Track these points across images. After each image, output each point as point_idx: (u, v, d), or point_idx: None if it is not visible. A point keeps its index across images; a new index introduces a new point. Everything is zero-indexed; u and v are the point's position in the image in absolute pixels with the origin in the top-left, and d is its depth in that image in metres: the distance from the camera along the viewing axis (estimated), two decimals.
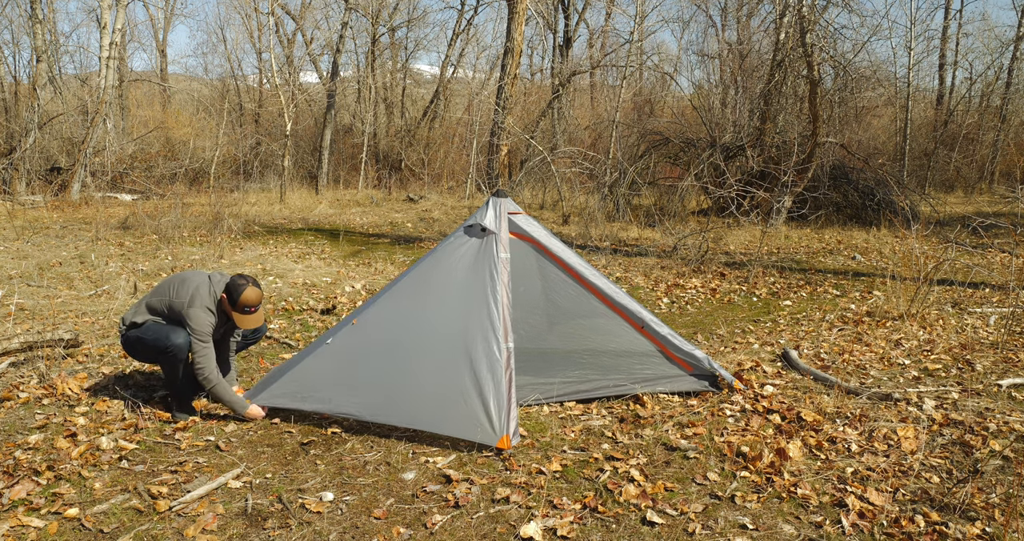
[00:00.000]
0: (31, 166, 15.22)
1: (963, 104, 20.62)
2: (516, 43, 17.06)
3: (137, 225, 10.71)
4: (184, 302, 3.55)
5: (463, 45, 25.34)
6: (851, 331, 5.51)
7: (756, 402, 3.88)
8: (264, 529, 2.66)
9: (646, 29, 24.82)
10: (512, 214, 3.72)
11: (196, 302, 3.54)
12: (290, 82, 21.03)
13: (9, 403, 3.77)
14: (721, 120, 14.16)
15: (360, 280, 7.60)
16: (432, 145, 22.33)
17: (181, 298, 3.57)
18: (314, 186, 19.21)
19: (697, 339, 5.46)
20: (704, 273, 8.18)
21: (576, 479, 3.05)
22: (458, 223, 12.83)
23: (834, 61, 11.97)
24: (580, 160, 14.41)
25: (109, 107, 15.61)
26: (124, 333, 3.67)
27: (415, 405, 3.36)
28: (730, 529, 2.65)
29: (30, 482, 2.91)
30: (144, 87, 27.58)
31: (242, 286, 3.53)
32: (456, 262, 3.56)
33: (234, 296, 3.54)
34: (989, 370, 4.48)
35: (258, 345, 5.04)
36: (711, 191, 10.46)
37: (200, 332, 3.54)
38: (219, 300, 3.62)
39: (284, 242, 10.39)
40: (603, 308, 3.87)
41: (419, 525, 2.69)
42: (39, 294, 6.39)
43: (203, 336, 3.54)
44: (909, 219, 10.60)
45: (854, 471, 3.07)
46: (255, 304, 3.56)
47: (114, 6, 15.01)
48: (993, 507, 2.76)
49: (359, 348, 3.55)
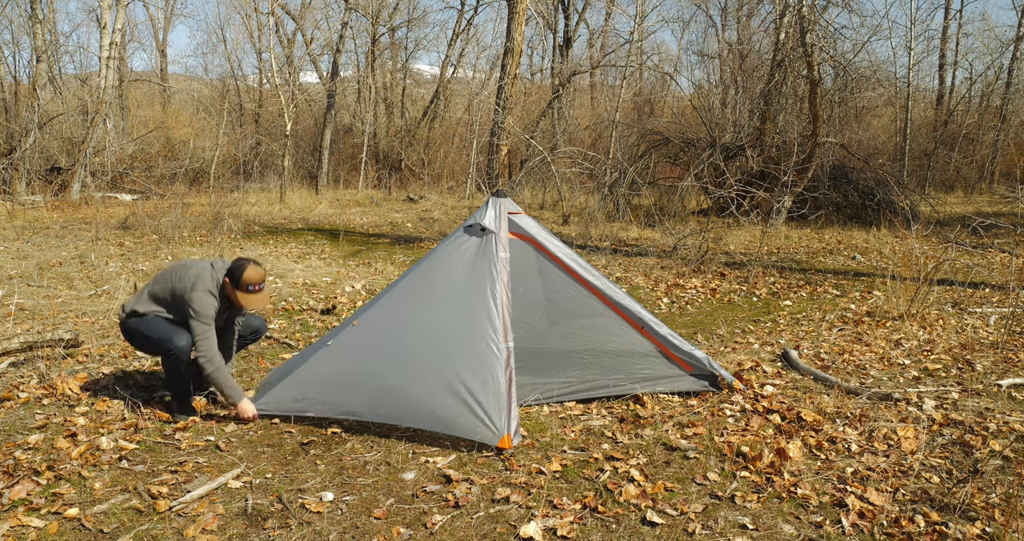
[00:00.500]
0: (31, 166, 15.23)
1: (963, 104, 20.63)
2: (516, 43, 17.06)
3: (137, 225, 10.71)
4: (187, 286, 3.53)
5: (463, 45, 25.36)
6: (851, 331, 5.51)
7: (756, 402, 3.88)
8: (264, 529, 2.66)
9: (646, 29, 24.83)
10: (512, 214, 3.72)
11: (199, 286, 3.52)
12: (290, 82, 21.04)
13: (9, 403, 3.77)
14: (721, 120, 14.16)
15: (360, 280, 7.60)
16: (432, 145, 22.33)
17: (184, 283, 3.54)
18: (314, 186, 19.21)
19: (697, 339, 5.46)
20: (704, 273, 8.18)
21: (576, 479, 3.05)
22: (458, 223, 12.83)
23: (834, 61, 11.97)
24: (580, 160, 14.41)
25: (109, 107, 15.62)
26: (124, 320, 3.64)
27: (416, 405, 3.36)
28: (730, 529, 2.65)
29: (30, 482, 2.91)
30: (144, 87, 27.58)
31: (244, 265, 3.51)
32: (456, 262, 3.56)
33: (237, 276, 3.51)
34: (989, 370, 4.48)
35: (258, 345, 5.04)
36: (711, 191, 10.46)
37: (203, 315, 3.51)
38: (222, 285, 3.60)
39: (284, 242, 10.39)
40: (603, 308, 3.87)
41: (419, 525, 2.69)
42: (39, 294, 6.39)
43: (206, 319, 3.52)
44: (909, 219, 10.60)
45: (854, 471, 3.07)
46: (259, 282, 3.53)
47: (114, 6, 15.02)
48: (993, 507, 2.76)
49: (360, 349, 3.55)
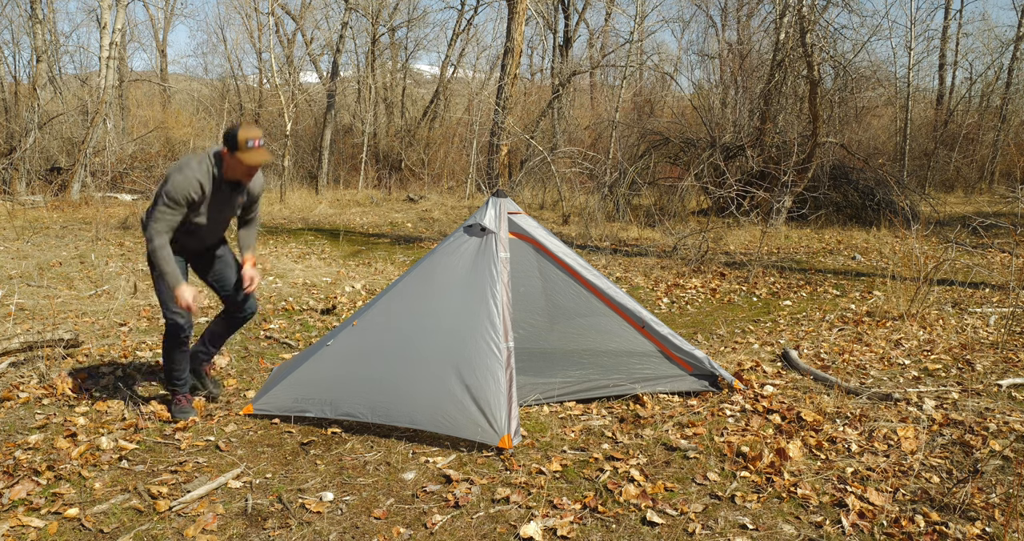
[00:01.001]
0: (31, 166, 15.22)
1: (963, 104, 20.63)
2: (516, 43, 17.05)
3: (137, 225, 10.70)
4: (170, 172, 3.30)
5: (463, 45, 25.36)
6: (851, 331, 5.51)
7: (756, 402, 3.88)
8: (264, 529, 2.66)
9: (646, 29, 24.80)
10: (512, 214, 3.72)
11: (183, 169, 3.29)
12: (290, 82, 21.03)
13: (9, 403, 3.77)
14: (721, 120, 14.15)
15: (360, 280, 7.60)
16: (432, 145, 22.32)
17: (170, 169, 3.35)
18: (314, 186, 19.20)
19: (697, 339, 5.46)
20: (704, 273, 8.18)
21: (576, 479, 3.05)
22: (458, 223, 12.83)
23: (834, 61, 11.98)
24: (580, 160, 14.41)
25: (109, 107, 15.61)
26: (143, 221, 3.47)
27: (416, 405, 3.36)
28: (730, 529, 2.65)
29: (30, 482, 2.91)
30: (144, 87, 27.58)
31: (236, 126, 3.32)
32: (456, 262, 3.56)
33: (233, 136, 3.28)
34: (989, 370, 4.48)
35: (258, 345, 5.05)
36: (711, 191, 10.47)
37: (170, 196, 3.25)
38: (218, 158, 3.36)
39: (284, 242, 10.39)
40: (603, 308, 3.87)
41: (419, 525, 2.69)
42: (39, 294, 6.39)
43: (170, 202, 3.26)
44: (909, 219, 10.60)
45: (854, 471, 3.07)
46: (257, 137, 3.32)
47: (114, 6, 15.02)
48: (993, 507, 2.76)
49: (360, 349, 3.55)
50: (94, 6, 24.33)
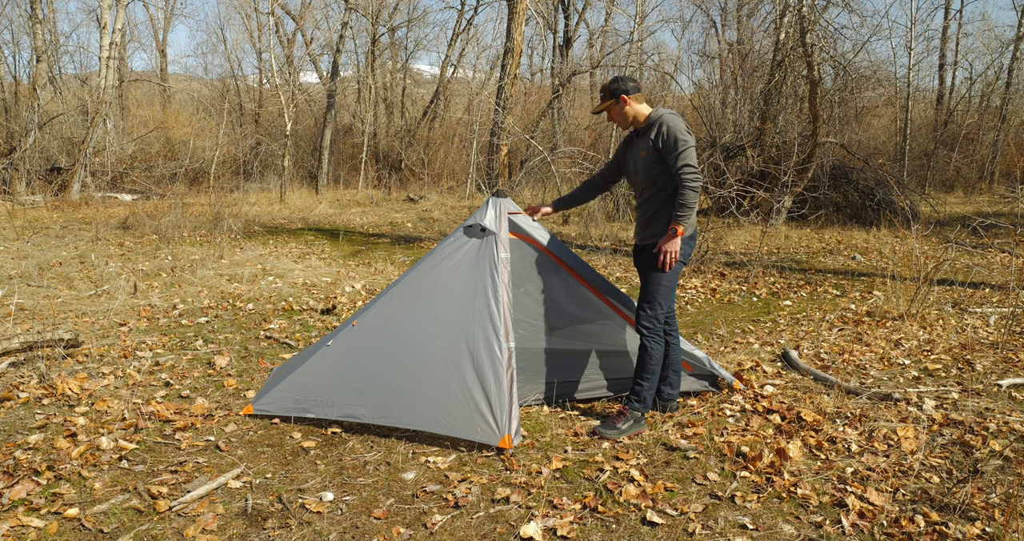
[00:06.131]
0: (31, 166, 15.23)
1: (963, 104, 20.64)
2: (516, 43, 17.06)
3: (137, 225, 10.71)
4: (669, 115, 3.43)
5: (463, 45, 25.38)
6: (851, 331, 5.51)
7: (756, 402, 3.88)
8: (264, 529, 2.66)
9: (646, 29, 24.79)
10: (512, 214, 3.72)
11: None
12: (290, 82, 21.03)
13: (9, 403, 3.77)
14: (721, 120, 14.15)
15: (360, 280, 7.60)
16: (432, 145, 22.33)
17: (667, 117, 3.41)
18: (314, 186, 19.21)
19: (697, 339, 5.46)
20: (704, 273, 8.18)
21: (576, 479, 3.05)
22: (458, 223, 12.83)
23: (834, 61, 11.98)
24: (580, 160, 14.39)
25: (109, 107, 15.62)
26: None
27: (417, 405, 3.36)
28: (730, 529, 2.65)
29: (30, 482, 2.91)
30: (144, 87, 27.59)
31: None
32: (456, 262, 3.56)
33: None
34: (989, 370, 4.48)
35: (258, 345, 5.05)
36: (711, 191, 10.46)
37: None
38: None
39: (284, 242, 10.39)
40: (603, 308, 3.87)
41: (419, 525, 2.69)
42: (39, 294, 6.39)
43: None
44: (909, 219, 10.60)
45: (854, 471, 3.07)
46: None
47: (114, 6, 15.02)
48: (993, 507, 2.76)
49: (360, 350, 3.55)
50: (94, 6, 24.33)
